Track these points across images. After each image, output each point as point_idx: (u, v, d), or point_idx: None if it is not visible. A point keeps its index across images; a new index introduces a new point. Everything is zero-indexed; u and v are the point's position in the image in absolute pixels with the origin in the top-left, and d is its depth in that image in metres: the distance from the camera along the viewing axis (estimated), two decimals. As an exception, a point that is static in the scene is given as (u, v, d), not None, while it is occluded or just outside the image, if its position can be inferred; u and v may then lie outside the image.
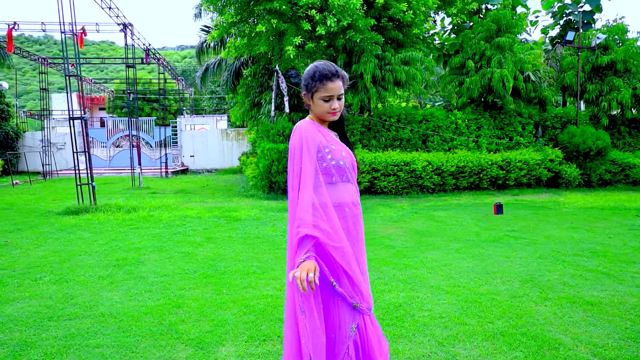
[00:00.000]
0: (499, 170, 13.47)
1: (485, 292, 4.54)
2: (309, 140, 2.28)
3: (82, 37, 15.66)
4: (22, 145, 25.14)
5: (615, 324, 3.71)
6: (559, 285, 4.73)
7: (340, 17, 12.23)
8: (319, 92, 2.32)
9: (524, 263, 5.61)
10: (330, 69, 2.32)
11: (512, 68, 13.48)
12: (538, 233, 7.46)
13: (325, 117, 2.38)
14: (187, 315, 4.07)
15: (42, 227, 8.64)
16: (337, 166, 2.34)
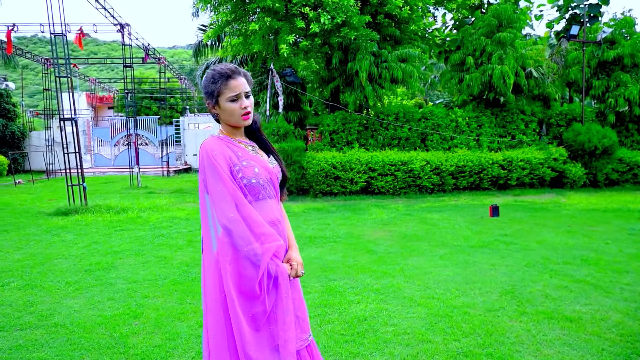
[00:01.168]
0: (500, 169, 13.08)
1: (459, 305, 4.25)
2: (218, 157, 2.06)
3: (80, 38, 15.56)
4: (28, 145, 25.38)
5: (592, 344, 3.40)
6: (540, 297, 4.41)
7: (334, 14, 11.93)
8: (224, 94, 2.13)
9: (509, 272, 5.29)
10: (229, 67, 2.15)
11: (513, 64, 13.06)
12: (531, 238, 7.11)
13: (238, 121, 2.16)
14: (141, 326, 3.95)
15: (29, 228, 8.70)
16: (250, 185, 2.12)
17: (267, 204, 2.18)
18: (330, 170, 12.52)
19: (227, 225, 2.00)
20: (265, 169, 2.19)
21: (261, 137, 2.33)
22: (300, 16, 12.57)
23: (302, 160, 12.64)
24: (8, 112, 24.71)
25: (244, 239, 2.01)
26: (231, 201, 2.01)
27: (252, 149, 2.24)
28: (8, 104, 24.83)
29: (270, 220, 2.17)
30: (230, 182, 2.03)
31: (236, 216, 2.01)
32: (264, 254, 2.01)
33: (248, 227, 2.00)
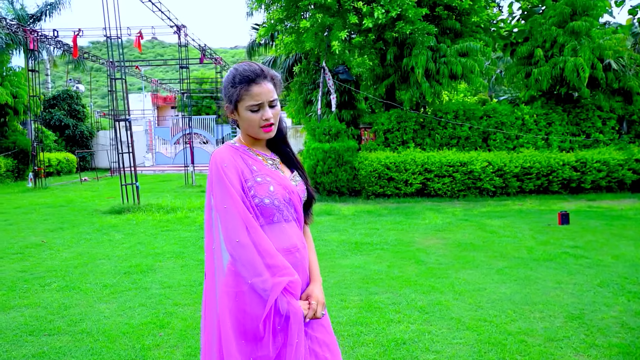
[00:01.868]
0: (572, 171, 11.97)
1: (515, 331, 3.63)
2: (228, 171, 1.76)
3: (139, 41, 15.87)
4: (96, 144, 26.81)
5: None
6: (614, 326, 3.71)
7: (388, 7, 11.35)
8: (244, 101, 1.79)
9: (577, 292, 4.57)
10: (254, 68, 1.81)
11: (588, 55, 11.91)
12: (606, 251, 6.26)
13: (258, 133, 1.83)
14: (166, 338, 3.81)
15: (83, 226, 8.92)
16: (262, 206, 1.79)
17: (282, 228, 1.84)
18: (384, 171, 11.95)
19: (232, 251, 1.71)
20: (284, 187, 1.85)
21: (285, 148, 2.01)
22: (354, 11, 12.08)
23: (353, 160, 12.15)
24: (78, 112, 25.99)
25: (251, 268, 1.70)
26: (240, 223, 1.71)
27: (271, 163, 1.91)
28: (78, 105, 26.12)
29: (286, 248, 1.82)
30: (239, 200, 1.73)
31: (243, 241, 1.70)
32: (274, 287, 1.69)
33: (257, 255, 1.69)
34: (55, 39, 19.14)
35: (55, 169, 21.60)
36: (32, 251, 6.97)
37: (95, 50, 40.38)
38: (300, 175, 1.99)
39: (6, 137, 20.30)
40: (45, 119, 24.65)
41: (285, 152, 2.00)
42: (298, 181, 1.95)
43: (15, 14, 21.99)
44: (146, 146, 27.13)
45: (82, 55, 23.62)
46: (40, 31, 19.13)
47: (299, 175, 1.98)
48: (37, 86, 17.72)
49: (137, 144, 27.28)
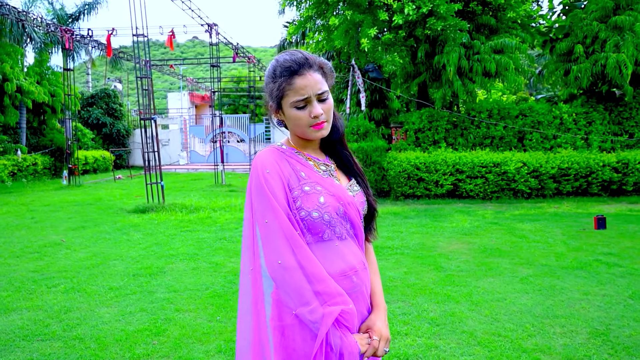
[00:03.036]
0: (613, 173, 11.36)
1: (531, 348, 3.36)
2: (271, 179, 1.50)
3: (171, 40, 16.04)
4: (132, 142, 27.30)
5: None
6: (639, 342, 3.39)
7: (419, 3, 11.04)
8: (287, 97, 1.52)
9: (605, 305, 4.24)
10: (296, 57, 1.53)
11: (632, 51, 11.28)
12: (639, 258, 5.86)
13: (308, 134, 1.56)
14: (159, 346, 3.70)
15: (104, 225, 8.94)
16: (310, 220, 1.51)
17: (334, 247, 1.55)
18: (413, 171, 11.64)
19: (274, 275, 1.46)
20: (338, 199, 1.56)
21: (343, 151, 1.71)
22: (384, 8, 11.82)
23: (382, 160, 11.90)
24: (115, 111, 26.56)
25: (296, 296, 1.44)
26: (283, 242, 1.45)
27: (324, 169, 1.64)
28: (115, 104, 26.68)
29: (341, 271, 1.54)
30: (283, 214, 1.47)
31: (287, 263, 1.44)
32: (324, 318, 1.42)
33: (304, 279, 1.44)
34: (90, 39, 19.51)
35: (91, 167, 21.99)
36: (49, 250, 7.00)
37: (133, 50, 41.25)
38: (360, 183, 1.71)
39: (44, 135, 20.72)
40: (83, 117, 25.22)
41: (343, 155, 1.72)
42: (356, 191, 1.67)
43: (54, 14, 22.48)
44: (181, 144, 27.57)
45: (117, 54, 24.00)
46: (75, 31, 19.51)
47: (358, 184, 1.70)
48: (73, 85, 17.94)
49: (172, 142, 27.80)
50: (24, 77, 18.67)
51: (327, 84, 1.58)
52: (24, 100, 18.46)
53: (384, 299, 1.67)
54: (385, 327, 1.58)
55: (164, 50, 67.88)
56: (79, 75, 28.30)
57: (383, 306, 1.65)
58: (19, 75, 18.13)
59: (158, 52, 66.82)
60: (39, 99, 18.64)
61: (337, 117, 1.67)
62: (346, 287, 1.53)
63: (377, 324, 1.57)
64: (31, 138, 20.61)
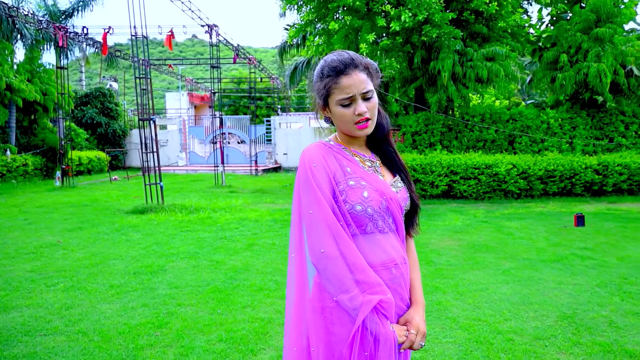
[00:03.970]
0: (595, 174, 12.04)
1: (505, 330, 3.96)
2: (318, 172, 1.61)
3: (170, 40, 16.37)
4: (129, 142, 26.88)
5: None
6: (602, 325, 4.01)
7: (416, 11, 11.64)
8: (333, 95, 1.64)
9: (575, 292, 4.86)
10: (343, 58, 1.64)
11: (611, 62, 11.98)
12: (613, 253, 6.48)
13: (352, 130, 1.67)
14: (161, 337, 3.92)
15: (102, 226, 8.91)
16: (354, 214, 1.62)
17: (375, 240, 1.65)
18: (410, 172, 12.19)
19: (316, 263, 1.57)
20: (381, 194, 1.65)
21: (388, 148, 1.80)
22: (382, 14, 12.40)
23: (379, 162, 12.48)
24: (111, 111, 25.95)
25: (337, 283, 1.54)
26: (326, 232, 1.56)
27: (369, 165, 1.73)
28: (111, 104, 26.03)
29: (381, 262, 1.64)
30: (327, 206, 1.57)
31: (329, 253, 1.54)
32: (362, 306, 1.52)
33: (345, 268, 1.54)
34: (85, 37, 19.11)
35: (85, 168, 21.40)
36: (45, 251, 6.97)
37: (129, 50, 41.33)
38: (404, 180, 1.77)
39: (35, 134, 19.92)
40: (77, 116, 24.48)
41: (388, 152, 1.78)
42: (400, 187, 1.74)
43: (46, 10, 22.00)
44: (180, 145, 27.68)
45: (114, 53, 23.63)
46: (69, 28, 19.08)
47: (402, 181, 1.77)
48: (66, 83, 17.44)
49: (171, 143, 27.41)
50: (13, 75, 17.90)
51: (373, 83, 1.66)
52: (14, 98, 17.71)
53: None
54: (422, 323, 1.66)
55: (162, 48, 67.16)
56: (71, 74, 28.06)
57: (422, 302, 1.73)
58: (8, 73, 17.42)
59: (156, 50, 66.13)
60: (30, 97, 18.00)
61: (382, 115, 1.76)
62: (385, 277, 1.62)
63: (415, 318, 1.65)
64: (21, 138, 19.79)
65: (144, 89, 11.46)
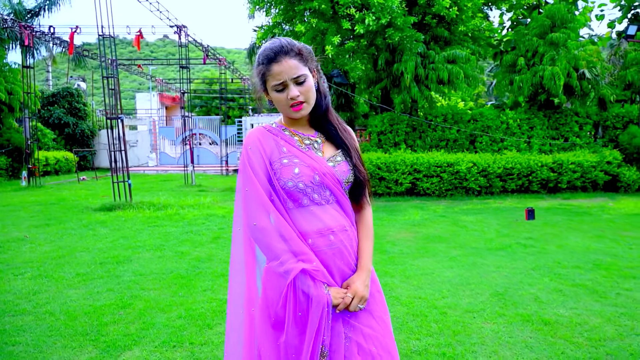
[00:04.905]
0: (550, 172, 12.64)
1: (441, 305, 4.34)
2: (252, 155, 1.75)
3: (138, 40, 16.36)
4: (98, 143, 26.32)
5: (554, 348, 3.42)
6: (527, 300, 4.41)
7: (379, 15, 12.05)
8: (268, 82, 1.74)
9: (511, 274, 5.27)
10: (274, 46, 1.74)
11: (565, 65, 12.60)
12: (554, 242, 6.96)
13: (289, 113, 1.78)
14: (124, 316, 4.17)
15: (70, 222, 8.96)
16: (286, 189, 1.74)
17: (311, 212, 1.76)
18: (375, 170, 12.63)
19: (251, 234, 1.73)
20: (313, 169, 1.75)
21: (329, 126, 1.87)
22: (347, 17, 12.79)
23: (345, 160, 12.85)
24: (79, 111, 25.48)
25: (267, 252, 1.71)
26: (259, 207, 1.70)
27: (308, 143, 1.83)
28: (79, 104, 25.47)
29: (318, 230, 1.75)
30: (258, 184, 1.71)
31: (260, 225, 1.69)
32: (292, 270, 1.65)
33: (273, 239, 1.68)
34: (52, 36, 18.83)
35: (53, 168, 20.95)
36: (12, 245, 7.03)
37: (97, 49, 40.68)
38: (346, 154, 1.84)
39: (0, 134, 19.40)
40: (44, 116, 24.08)
41: (329, 130, 1.86)
42: (339, 161, 1.81)
43: (12, 9, 21.62)
44: (150, 146, 27.43)
45: (82, 52, 23.31)
46: (35, 27, 18.80)
47: (343, 155, 1.84)
48: (32, 82, 17.12)
49: (141, 144, 26.99)
50: (-24, 74, 17.30)
51: (307, 67, 1.74)
52: (-23, 98, 17.11)
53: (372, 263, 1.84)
54: (362, 287, 1.74)
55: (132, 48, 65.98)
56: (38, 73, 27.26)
57: (366, 268, 1.79)
58: (-29, 72, 16.67)
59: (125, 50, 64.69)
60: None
61: (322, 94, 1.83)
62: (323, 244, 1.73)
63: (356, 282, 1.74)
64: (-14, 137, 19.25)
65: (112, 88, 11.43)
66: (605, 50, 17.19)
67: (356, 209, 1.88)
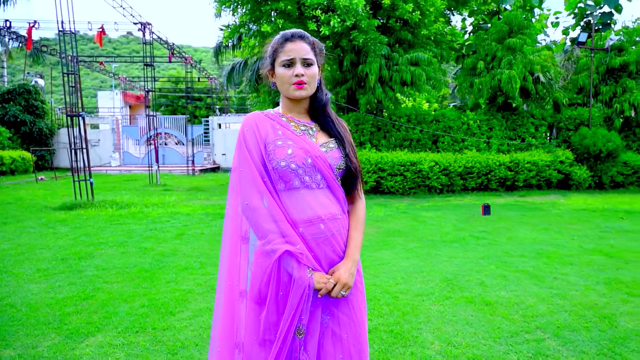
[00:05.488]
0: (507, 171, 13.21)
1: (394, 291, 4.62)
2: (248, 136, 1.82)
3: (100, 36, 16.13)
4: (57, 142, 25.56)
5: (491, 324, 3.74)
6: (473, 285, 4.74)
7: (344, 17, 12.34)
8: (278, 58, 1.85)
9: (461, 264, 5.61)
10: (294, 30, 1.88)
11: (521, 69, 13.20)
12: (505, 234, 7.37)
13: (289, 91, 1.84)
14: (87, 306, 4.24)
15: (28, 221, 8.76)
16: (279, 169, 1.80)
17: (300, 195, 1.81)
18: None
19: (244, 213, 1.80)
20: (306, 152, 1.81)
21: (325, 118, 1.95)
22: (313, 19, 13.04)
23: (310, 159, 13.11)
24: (36, 109, 24.57)
25: (257, 230, 1.77)
26: (252, 187, 1.77)
27: (303, 129, 1.90)
28: (36, 101, 24.68)
29: (307, 219, 1.80)
30: (253, 165, 1.78)
31: (252, 204, 1.76)
32: (272, 252, 1.72)
33: (263, 219, 1.75)
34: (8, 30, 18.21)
35: (8, 168, 20.17)
36: None
37: (56, 45, 39.62)
38: (339, 143, 1.91)
39: None
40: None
41: (326, 121, 1.94)
42: (331, 148, 1.88)
43: None
44: (113, 145, 26.91)
45: (40, 48, 22.69)
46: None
47: (336, 143, 1.91)
48: None
49: (103, 143, 26.34)
50: None
51: (315, 59, 1.86)
52: None
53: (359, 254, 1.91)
54: (346, 275, 1.78)
55: (94, 45, 64.32)
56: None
57: (353, 258, 1.84)
58: None
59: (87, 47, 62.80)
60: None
61: (323, 90, 1.93)
62: (313, 232, 1.78)
63: (340, 270, 1.79)
64: None
65: (73, 85, 11.21)
66: (560, 55, 17.98)
67: (349, 200, 1.95)
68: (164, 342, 3.49)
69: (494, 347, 3.33)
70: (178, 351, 3.35)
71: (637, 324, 3.70)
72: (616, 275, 5.06)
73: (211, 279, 5.06)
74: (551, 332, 3.56)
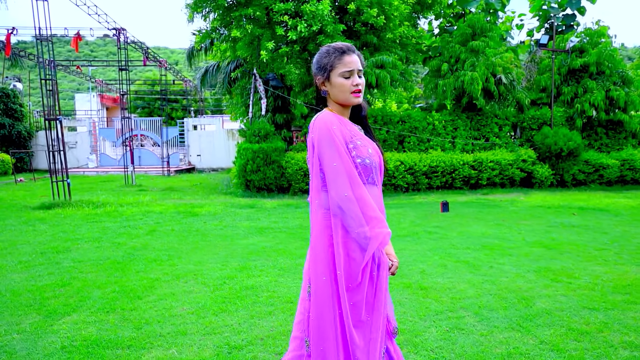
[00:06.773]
0: (471, 170, 13.68)
1: (341, 279, 4.93)
2: (337, 132, 2.00)
3: (76, 41, 16.36)
4: (35, 144, 25.84)
5: (422, 304, 4.09)
6: (415, 273, 5.09)
7: (311, 22, 12.68)
8: (337, 69, 2.06)
9: (408, 255, 5.96)
10: (345, 44, 2.10)
11: (483, 71, 13.67)
12: (456, 229, 7.75)
13: (349, 98, 2.07)
14: (64, 292, 4.67)
15: (8, 220, 9.11)
16: (363, 165, 2.04)
17: (375, 189, 2.11)
18: (309, 169, 13.21)
19: (341, 204, 1.94)
20: (377, 152, 2.14)
21: (367, 124, 2.24)
22: (281, 24, 13.36)
23: (280, 159, 13.42)
24: (15, 112, 25.03)
25: (356, 220, 1.93)
26: (347, 179, 1.94)
27: (359, 130, 2.18)
28: (15, 104, 25.12)
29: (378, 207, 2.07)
30: (347, 158, 1.96)
31: (351, 196, 1.93)
32: (372, 238, 1.92)
33: (361, 208, 1.93)
34: None
35: None
36: None
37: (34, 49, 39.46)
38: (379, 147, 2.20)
39: None
40: None
41: (367, 126, 2.21)
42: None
43: None
44: (90, 147, 27.01)
45: (18, 52, 22.83)
46: None
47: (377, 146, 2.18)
48: None
49: (81, 145, 26.47)
50: None
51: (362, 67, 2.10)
52: None
53: None
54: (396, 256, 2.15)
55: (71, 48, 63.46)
56: None
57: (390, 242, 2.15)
58: None
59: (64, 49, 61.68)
60: None
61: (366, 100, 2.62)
62: None
63: (392, 251, 2.15)
64: None
65: (50, 89, 11.46)
66: (525, 56, 18.59)
67: None
68: (130, 320, 3.91)
69: (418, 323, 3.68)
70: (142, 327, 3.78)
71: (551, 304, 4.08)
72: (548, 264, 5.46)
73: (177, 269, 5.48)
74: (472, 311, 3.92)
